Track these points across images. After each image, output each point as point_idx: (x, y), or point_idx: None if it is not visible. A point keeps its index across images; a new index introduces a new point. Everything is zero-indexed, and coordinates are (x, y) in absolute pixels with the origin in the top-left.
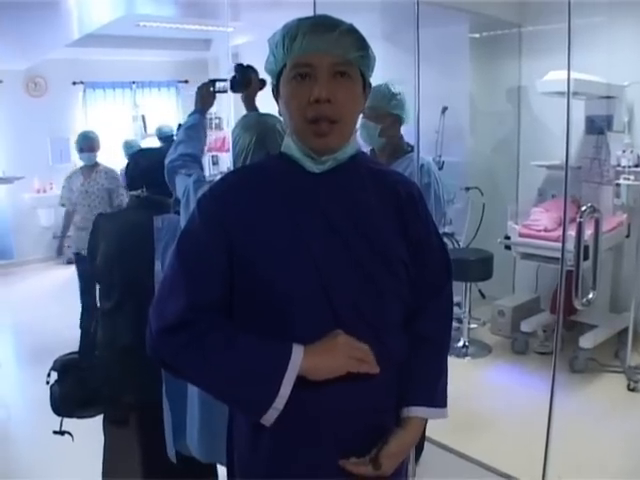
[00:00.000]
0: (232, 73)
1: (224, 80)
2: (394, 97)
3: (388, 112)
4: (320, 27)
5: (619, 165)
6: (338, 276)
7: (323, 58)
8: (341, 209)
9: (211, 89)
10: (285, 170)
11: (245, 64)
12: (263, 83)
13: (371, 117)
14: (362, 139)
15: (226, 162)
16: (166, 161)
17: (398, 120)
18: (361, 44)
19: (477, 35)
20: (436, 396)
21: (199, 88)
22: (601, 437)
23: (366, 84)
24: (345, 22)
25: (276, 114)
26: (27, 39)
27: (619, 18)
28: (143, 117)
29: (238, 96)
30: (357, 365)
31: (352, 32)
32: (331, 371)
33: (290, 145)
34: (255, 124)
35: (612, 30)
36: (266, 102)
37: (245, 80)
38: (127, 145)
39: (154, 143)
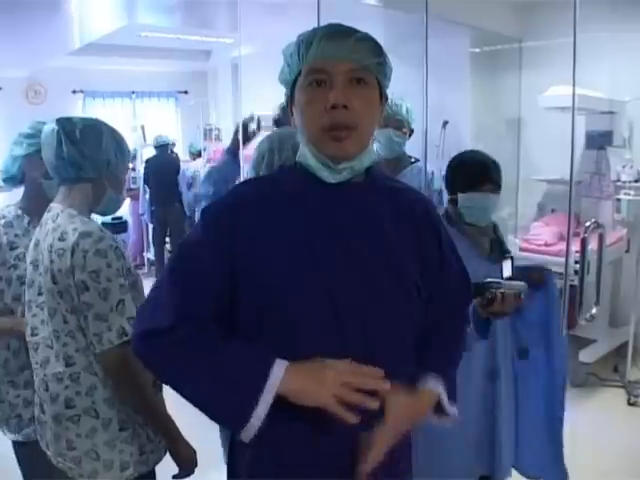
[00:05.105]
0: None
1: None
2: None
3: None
4: (336, 34)
5: (619, 180)
6: (349, 296)
7: (339, 64)
8: (356, 227)
9: (253, 128)
10: (299, 183)
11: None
12: None
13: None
14: (383, 149)
15: None
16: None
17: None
18: (378, 51)
19: (478, 50)
20: (450, 388)
21: (235, 132)
22: (601, 451)
23: (383, 93)
24: (361, 30)
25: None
26: (28, 47)
27: (620, 34)
28: (142, 127)
29: None
30: (338, 407)
31: (368, 39)
32: (313, 403)
33: (306, 154)
34: (275, 133)
35: (613, 46)
36: None
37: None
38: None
39: (152, 153)
